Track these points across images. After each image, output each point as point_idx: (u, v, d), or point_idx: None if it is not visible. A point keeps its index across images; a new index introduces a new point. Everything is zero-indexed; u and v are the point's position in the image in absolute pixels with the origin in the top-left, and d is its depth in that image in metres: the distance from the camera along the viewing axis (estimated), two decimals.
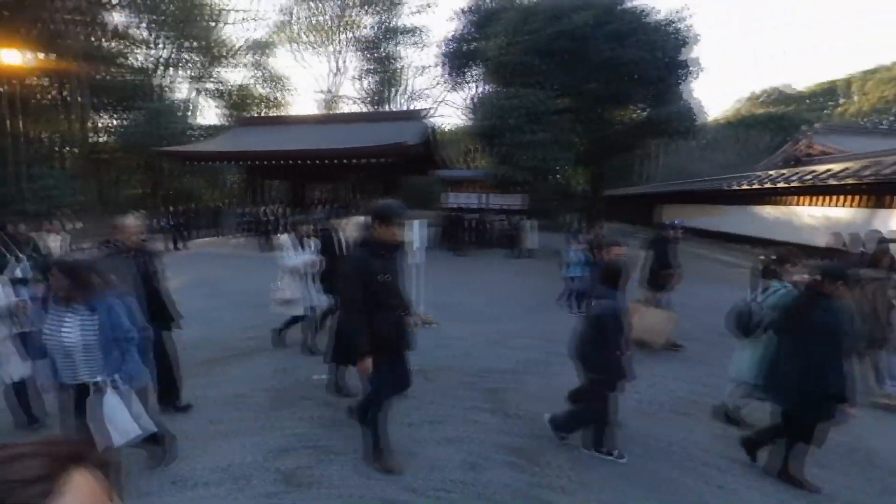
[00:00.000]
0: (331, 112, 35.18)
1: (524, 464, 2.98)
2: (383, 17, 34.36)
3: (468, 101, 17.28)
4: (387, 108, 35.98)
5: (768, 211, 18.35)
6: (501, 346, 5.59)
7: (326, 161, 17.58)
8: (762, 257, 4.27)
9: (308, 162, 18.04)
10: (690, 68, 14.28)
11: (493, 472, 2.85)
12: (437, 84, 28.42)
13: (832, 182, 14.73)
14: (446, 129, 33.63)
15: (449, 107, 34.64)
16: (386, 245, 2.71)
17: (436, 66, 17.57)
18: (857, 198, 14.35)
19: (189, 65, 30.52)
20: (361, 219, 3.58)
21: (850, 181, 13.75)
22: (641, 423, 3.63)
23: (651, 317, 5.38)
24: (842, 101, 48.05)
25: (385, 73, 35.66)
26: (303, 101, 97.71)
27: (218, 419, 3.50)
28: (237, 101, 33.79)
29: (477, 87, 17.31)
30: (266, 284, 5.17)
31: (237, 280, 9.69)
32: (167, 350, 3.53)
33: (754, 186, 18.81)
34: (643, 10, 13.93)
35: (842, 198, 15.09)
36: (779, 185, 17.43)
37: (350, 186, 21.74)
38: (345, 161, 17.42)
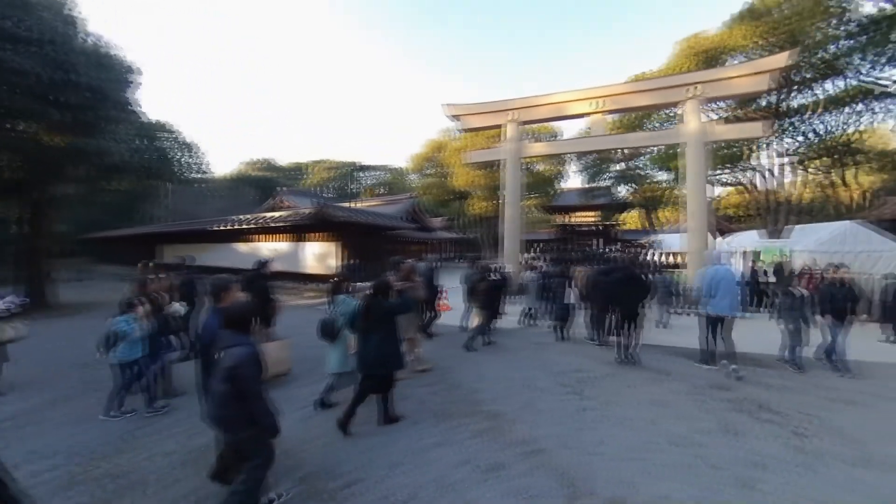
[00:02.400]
0: None
1: None
2: None
3: None
4: None
5: (242, 247, 19.70)
6: None
7: None
8: (334, 279, 5.01)
9: None
10: (132, 109, 12.55)
11: None
12: None
13: (273, 224, 17.47)
14: None
15: None
16: None
17: None
18: (290, 235, 17.61)
19: None
20: None
21: (279, 224, 16.80)
22: None
23: (272, 350, 4.96)
24: (305, 175, 61.72)
25: None
26: None
27: None
28: None
29: None
30: None
31: None
32: None
33: (229, 227, 19.83)
34: (75, 20, 10.83)
35: (283, 235, 18.15)
36: (244, 226, 19.06)
37: None
38: None
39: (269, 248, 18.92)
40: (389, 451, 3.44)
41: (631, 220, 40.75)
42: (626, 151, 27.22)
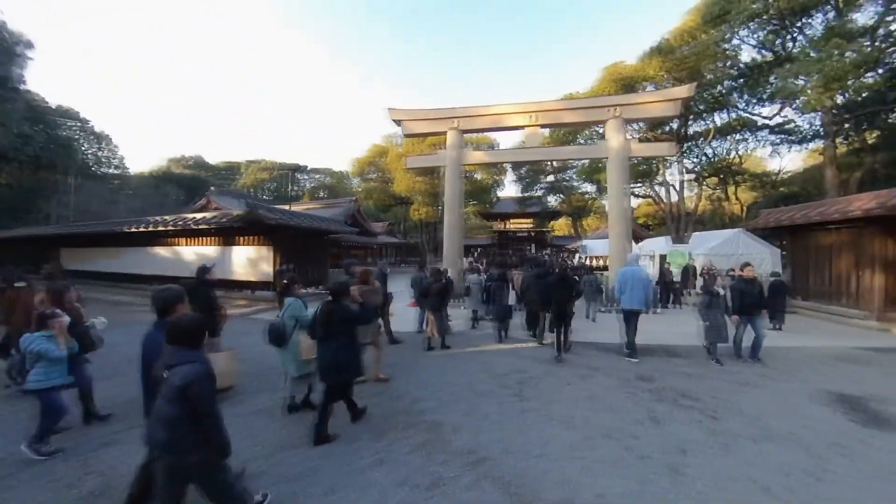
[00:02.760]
0: None
1: None
2: None
3: None
4: None
5: (161, 251, 17.39)
6: None
7: None
8: (284, 281, 4.62)
9: None
10: (17, 88, 10.41)
11: None
12: None
13: (198, 226, 15.61)
14: None
15: None
16: None
17: None
18: (217, 238, 15.84)
19: None
20: None
21: (204, 226, 15.05)
22: None
23: (217, 362, 3.74)
24: (239, 175, 56.77)
25: None
26: None
27: None
28: None
29: None
30: None
31: None
32: None
33: (144, 229, 17.41)
34: None
35: (209, 238, 16.30)
36: (162, 228, 16.83)
37: None
38: None
39: (193, 252, 16.87)
40: (325, 476, 3.00)
41: (560, 227, 43.35)
42: (555, 164, 28.92)
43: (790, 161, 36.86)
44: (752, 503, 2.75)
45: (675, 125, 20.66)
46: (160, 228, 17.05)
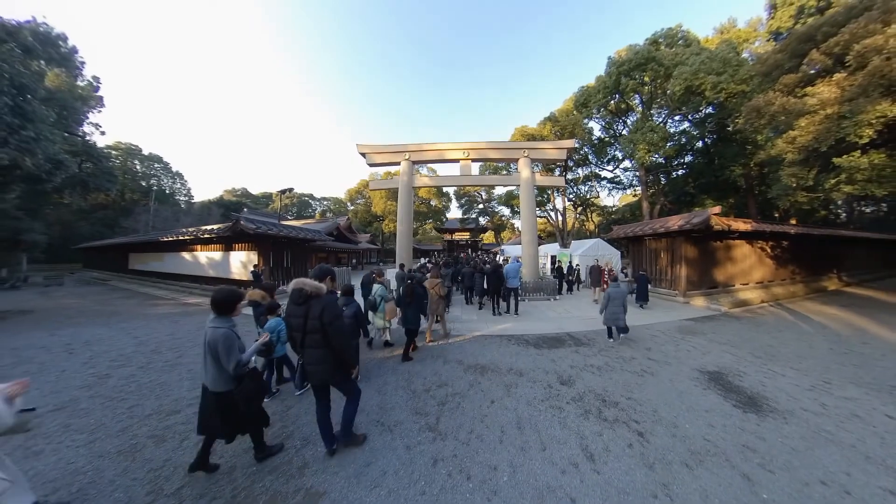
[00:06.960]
0: None
1: None
2: None
3: None
4: None
5: (186, 255, 13.41)
6: None
7: None
8: (373, 272, 4.40)
9: None
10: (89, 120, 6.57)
11: None
12: None
13: (205, 235, 11.90)
14: None
15: None
16: None
17: None
18: (220, 246, 12.19)
19: None
20: None
21: (207, 235, 11.43)
22: None
23: None
24: (272, 202, 50.02)
25: None
26: None
27: None
28: None
29: None
30: None
31: None
32: None
33: (171, 238, 13.36)
34: None
35: (215, 246, 12.55)
36: (181, 238, 12.86)
37: None
38: None
39: (206, 256, 13.03)
40: None
41: (487, 237, 42.60)
42: (484, 196, 27.68)
43: (618, 199, 39.20)
44: None
45: (558, 172, 20.13)
46: (178, 238, 13.06)
